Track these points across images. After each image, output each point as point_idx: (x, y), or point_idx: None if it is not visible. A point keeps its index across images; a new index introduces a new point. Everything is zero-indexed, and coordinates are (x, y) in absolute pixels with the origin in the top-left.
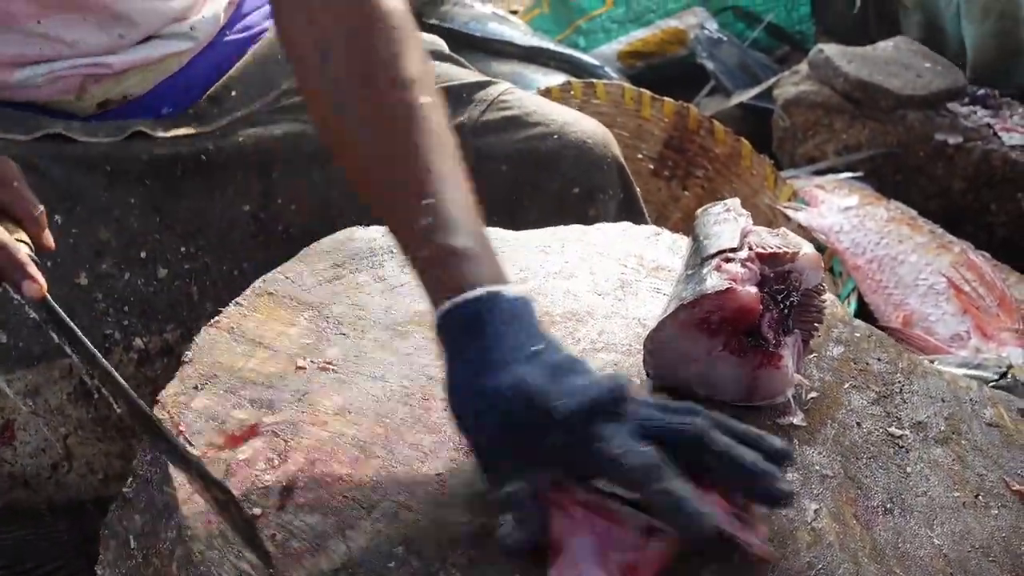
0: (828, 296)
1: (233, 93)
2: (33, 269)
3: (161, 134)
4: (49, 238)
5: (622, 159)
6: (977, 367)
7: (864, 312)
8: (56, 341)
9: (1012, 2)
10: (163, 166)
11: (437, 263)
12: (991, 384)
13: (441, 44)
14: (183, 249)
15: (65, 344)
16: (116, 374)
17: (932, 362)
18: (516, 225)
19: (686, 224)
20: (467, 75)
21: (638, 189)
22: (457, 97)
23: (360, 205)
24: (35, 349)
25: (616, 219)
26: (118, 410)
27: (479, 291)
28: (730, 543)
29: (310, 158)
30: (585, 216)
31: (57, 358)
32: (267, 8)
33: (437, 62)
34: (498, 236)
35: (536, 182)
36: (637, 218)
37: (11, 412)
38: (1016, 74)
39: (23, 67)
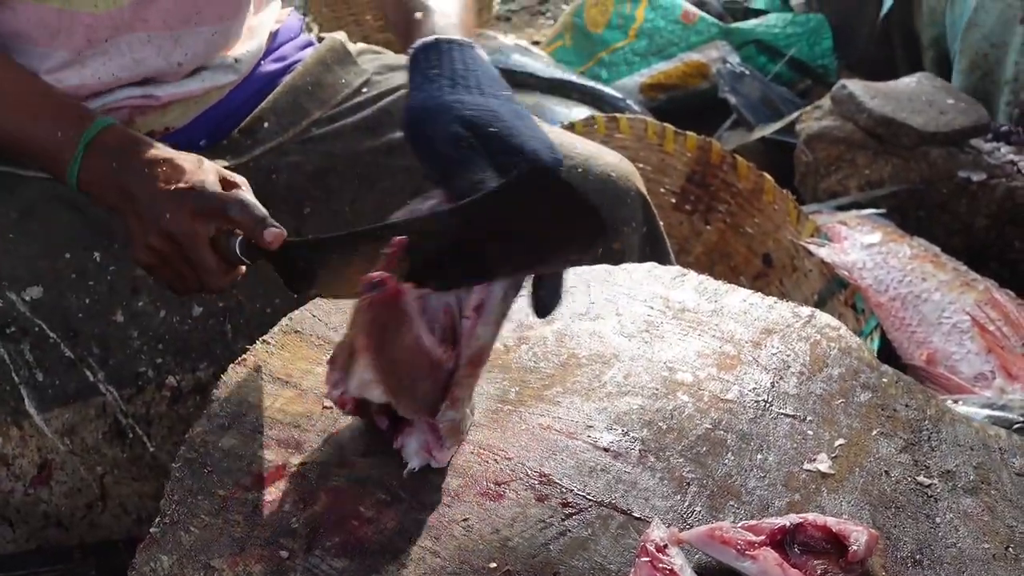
0: (855, 340)
1: (265, 124)
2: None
3: None
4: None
5: (645, 192)
6: (1002, 408)
7: (887, 350)
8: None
9: (999, 65)
10: None
11: (422, 28)
12: (1016, 426)
13: None
14: None
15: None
16: None
17: (956, 402)
18: None
19: (708, 258)
20: None
21: (661, 223)
22: None
23: None
24: (70, 387)
25: (640, 252)
26: (151, 449)
27: (456, 37)
28: None
29: (340, 195)
30: (609, 249)
31: (92, 396)
32: (300, 40)
33: None
34: None
35: None
36: (661, 252)
37: (49, 451)
38: None
39: (83, 101)
